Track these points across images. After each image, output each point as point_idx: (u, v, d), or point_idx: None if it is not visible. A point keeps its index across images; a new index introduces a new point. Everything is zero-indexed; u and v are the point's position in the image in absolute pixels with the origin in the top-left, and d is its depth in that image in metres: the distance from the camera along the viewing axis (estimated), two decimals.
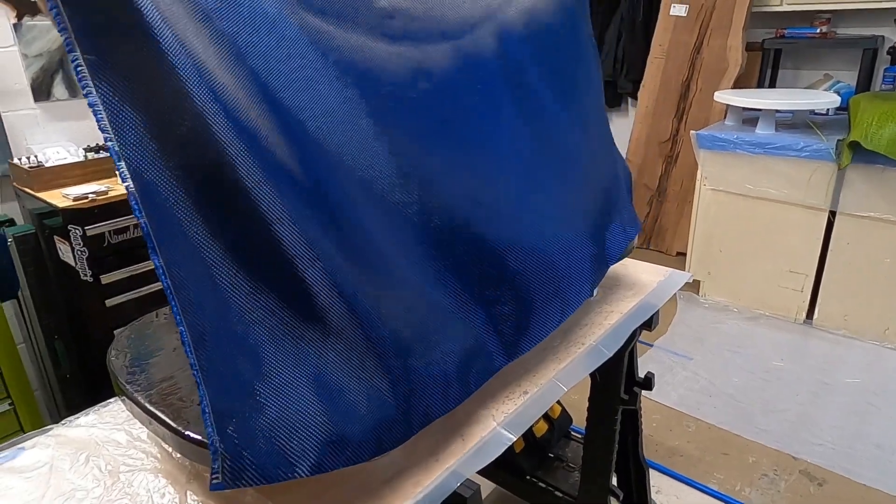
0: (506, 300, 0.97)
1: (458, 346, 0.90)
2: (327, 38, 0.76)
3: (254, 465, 0.66)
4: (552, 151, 1.05)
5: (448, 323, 0.90)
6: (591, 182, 1.16)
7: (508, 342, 0.99)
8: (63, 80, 2.16)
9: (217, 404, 0.64)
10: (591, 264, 1.12)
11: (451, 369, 0.88)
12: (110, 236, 1.90)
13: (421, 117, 0.84)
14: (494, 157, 0.94)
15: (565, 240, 1.04)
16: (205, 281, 0.66)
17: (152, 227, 0.64)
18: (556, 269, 1.03)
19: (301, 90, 0.72)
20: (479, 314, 0.94)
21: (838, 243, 2.76)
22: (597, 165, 1.18)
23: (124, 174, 0.63)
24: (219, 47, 0.66)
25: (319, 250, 0.70)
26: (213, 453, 0.64)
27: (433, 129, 0.85)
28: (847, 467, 2.02)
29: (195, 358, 0.63)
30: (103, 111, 0.59)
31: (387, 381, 0.79)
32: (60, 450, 0.96)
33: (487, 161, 0.93)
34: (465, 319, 0.93)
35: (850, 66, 3.24)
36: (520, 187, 0.98)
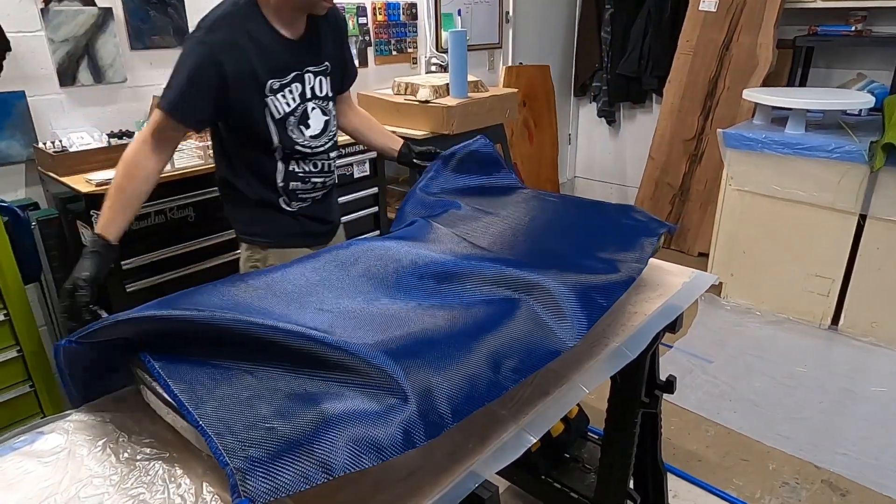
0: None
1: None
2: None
3: (273, 482, 0.70)
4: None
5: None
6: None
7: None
8: (88, 65, 2.17)
9: (226, 442, 0.73)
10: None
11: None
12: (132, 222, 1.90)
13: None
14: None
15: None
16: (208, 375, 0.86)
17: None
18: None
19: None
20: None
21: (868, 248, 2.69)
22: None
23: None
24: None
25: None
26: (232, 486, 0.69)
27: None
28: (872, 478, 1.97)
29: (195, 417, 0.76)
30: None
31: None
32: (79, 435, 0.95)
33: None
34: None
35: (886, 66, 3.15)
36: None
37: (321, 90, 1.54)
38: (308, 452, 0.73)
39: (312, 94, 1.52)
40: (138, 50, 2.32)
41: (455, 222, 1.35)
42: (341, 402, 0.81)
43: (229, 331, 0.88)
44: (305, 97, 1.50)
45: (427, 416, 0.81)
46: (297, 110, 1.48)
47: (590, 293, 1.09)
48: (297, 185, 1.56)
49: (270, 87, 1.42)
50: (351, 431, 0.76)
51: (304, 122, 1.51)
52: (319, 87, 1.53)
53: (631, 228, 1.37)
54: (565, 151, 4.71)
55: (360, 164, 2.56)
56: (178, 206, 2.00)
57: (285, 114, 1.46)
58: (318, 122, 1.54)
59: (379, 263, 1.15)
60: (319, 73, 1.53)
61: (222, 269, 2.17)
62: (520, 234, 1.32)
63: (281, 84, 1.44)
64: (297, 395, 0.83)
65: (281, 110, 1.45)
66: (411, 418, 0.79)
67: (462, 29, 3.08)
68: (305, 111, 1.51)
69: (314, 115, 1.53)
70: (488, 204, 1.44)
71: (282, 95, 1.45)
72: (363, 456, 0.75)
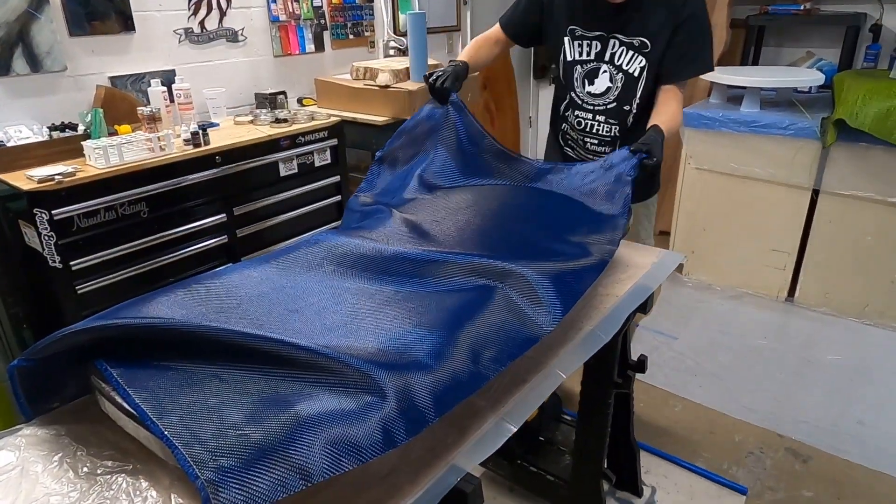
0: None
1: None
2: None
3: (247, 492, 0.66)
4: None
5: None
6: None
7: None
8: (23, 53, 2.03)
9: (194, 452, 0.69)
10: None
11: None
12: (80, 220, 1.80)
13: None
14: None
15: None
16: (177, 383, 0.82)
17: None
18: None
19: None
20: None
21: (821, 222, 2.78)
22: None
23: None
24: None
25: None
26: (203, 500, 0.65)
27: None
28: (832, 444, 2.05)
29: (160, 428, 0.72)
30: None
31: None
32: (32, 451, 0.89)
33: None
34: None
35: (833, 44, 3.23)
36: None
37: (622, 60, 1.61)
38: (283, 458, 0.70)
39: (612, 59, 1.62)
40: (78, 36, 2.18)
41: (421, 210, 1.32)
42: (316, 403, 0.78)
43: (194, 334, 0.84)
44: (602, 58, 1.63)
45: (407, 412, 0.78)
46: (587, 63, 1.66)
47: (564, 278, 1.08)
48: (567, 127, 1.80)
49: (573, 31, 1.64)
50: (328, 433, 0.73)
51: (591, 78, 1.67)
52: (622, 57, 1.61)
53: (600, 210, 1.36)
54: (527, 134, 4.71)
55: (320, 152, 2.49)
56: (129, 202, 1.90)
57: (574, 60, 1.67)
58: (603, 84, 1.66)
59: (347, 261, 1.11)
60: (626, 45, 1.58)
61: (179, 265, 2.08)
62: (490, 222, 1.30)
63: (582, 34, 1.63)
64: (270, 399, 0.79)
65: (572, 55, 1.66)
66: (390, 416, 0.77)
67: (420, 11, 3.01)
68: (597, 69, 1.65)
69: (602, 77, 1.65)
70: (457, 192, 1.41)
71: (578, 44, 1.65)
72: (343, 458, 0.72)
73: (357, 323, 0.94)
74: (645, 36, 1.57)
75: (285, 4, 2.82)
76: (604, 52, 1.63)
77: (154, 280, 2.02)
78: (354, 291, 1.03)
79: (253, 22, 2.73)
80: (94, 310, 1.68)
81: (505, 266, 1.06)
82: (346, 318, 0.96)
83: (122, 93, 2.29)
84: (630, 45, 1.59)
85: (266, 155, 2.28)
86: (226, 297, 0.98)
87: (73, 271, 1.81)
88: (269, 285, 1.04)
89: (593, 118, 1.73)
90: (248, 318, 0.93)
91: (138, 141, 1.93)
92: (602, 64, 1.64)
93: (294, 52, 2.93)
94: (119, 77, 2.32)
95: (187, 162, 2.03)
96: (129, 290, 1.93)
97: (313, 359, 0.82)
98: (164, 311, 0.92)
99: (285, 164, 2.36)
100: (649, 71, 1.60)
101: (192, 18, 2.51)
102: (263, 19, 2.77)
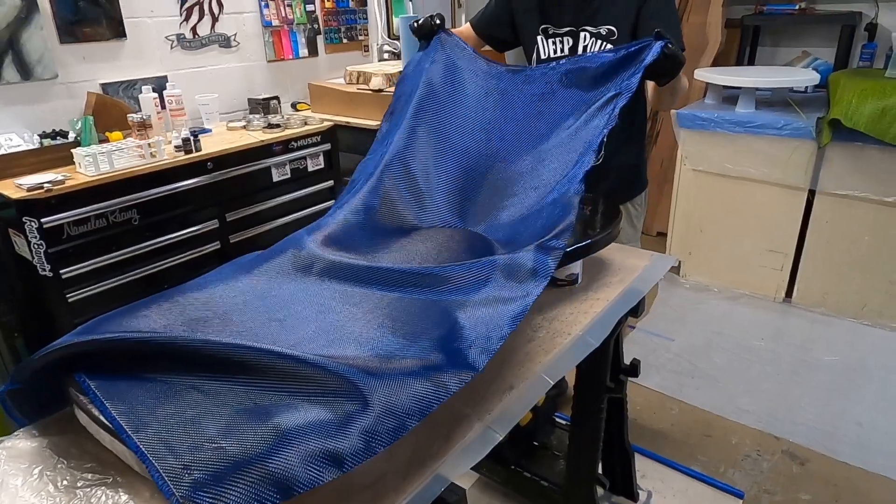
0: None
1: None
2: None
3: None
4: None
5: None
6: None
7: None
8: (13, 61, 2.03)
9: (168, 466, 0.68)
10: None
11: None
12: (69, 228, 1.79)
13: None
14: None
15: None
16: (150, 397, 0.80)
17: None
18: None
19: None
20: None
21: (817, 222, 2.76)
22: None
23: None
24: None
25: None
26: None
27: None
28: (829, 446, 2.03)
29: (135, 442, 0.72)
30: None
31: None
32: (12, 464, 0.88)
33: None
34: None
35: (828, 43, 3.22)
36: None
37: (592, 52, 1.58)
38: (261, 471, 0.68)
39: (584, 52, 1.61)
40: (69, 44, 2.18)
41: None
42: (296, 413, 0.77)
43: (174, 345, 0.83)
44: (575, 53, 1.62)
45: (387, 419, 0.77)
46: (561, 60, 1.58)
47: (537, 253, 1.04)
48: None
49: (545, 30, 1.64)
50: (307, 445, 0.72)
51: None
52: (592, 49, 1.60)
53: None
54: None
55: (313, 157, 2.48)
56: (120, 209, 1.89)
57: (548, 58, 1.65)
58: None
59: (332, 270, 1.09)
60: (595, 35, 1.57)
61: (171, 272, 2.08)
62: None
63: (554, 32, 1.63)
64: (248, 410, 0.78)
65: (545, 53, 1.66)
66: (371, 423, 0.75)
67: (414, 14, 3.01)
68: None
69: None
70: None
71: (552, 42, 1.64)
72: (323, 469, 0.71)
73: (340, 331, 0.93)
74: (611, 23, 1.57)
75: (278, 9, 2.82)
76: (576, 46, 1.63)
77: (146, 287, 2.01)
78: (339, 299, 1.02)
79: (245, 27, 2.72)
80: (86, 318, 1.67)
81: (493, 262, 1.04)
82: (329, 326, 0.95)
83: (114, 100, 2.29)
84: (598, 35, 1.58)
85: (259, 160, 2.27)
86: (209, 306, 0.97)
87: (63, 280, 1.80)
88: (253, 293, 1.02)
89: None
90: (231, 327, 0.92)
91: (129, 148, 1.93)
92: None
93: (287, 56, 2.92)
94: (111, 84, 2.32)
95: (178, 168, 2.02)
96: (120, 297, 1.92)
97: (294, 367, 0.81)
98: (147, 322, 0.91)
99: (278, 170, 2.36)
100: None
101: (184, 24, 2.51)
102: (256, 24, 2.77)
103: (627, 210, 1.81)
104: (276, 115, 2.60)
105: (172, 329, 0.89)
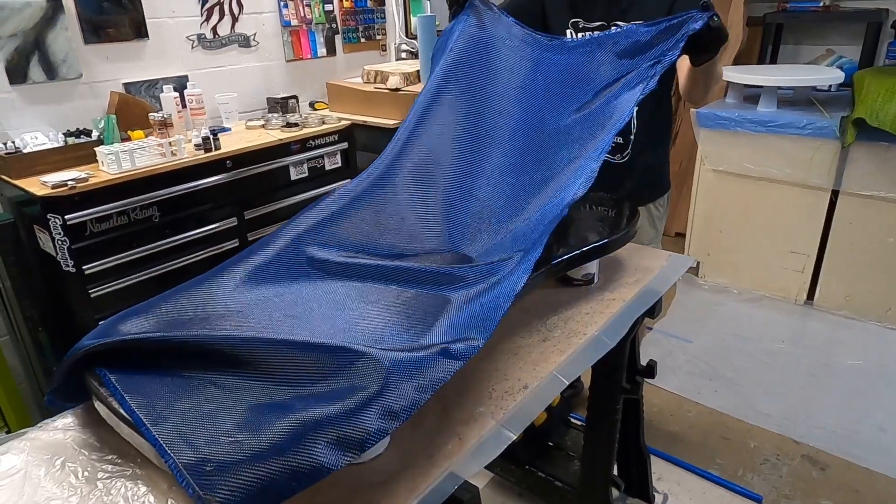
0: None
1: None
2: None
3: (240, 498, 0.66)
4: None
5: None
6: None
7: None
8: (39, 61, 2.07)
9: (186, 459, 0.68)
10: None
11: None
12: (92, 225, 1.83)
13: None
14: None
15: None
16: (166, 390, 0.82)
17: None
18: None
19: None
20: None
21: (840, 223, 2.71)
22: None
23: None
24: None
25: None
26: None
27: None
28: (850, 451, 2.00)
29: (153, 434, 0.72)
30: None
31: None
32: (35, 455, 0.90)
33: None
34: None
35: (854, 41, 3.16)
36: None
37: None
38: (277, 464, 0.69)
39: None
40: (93, 44, 2.22)
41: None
42: (310, 407, 0.77)
43: (193, 342, 0.84)
44: None
45: (400, 400, 0.77)
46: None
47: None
48: None
49: (575, 24, 1.62)
50: (323, 435, 0.73)
51: None
52: None
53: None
54: None
55: (331, 155, 2.50)
56: (141, 207, 1.92)
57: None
58: None
59: (348, 271, 1.10)
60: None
61: (190, 269, 2.10)
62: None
63: (584, 26, 1.61)
64: (264, 404, 0.78)
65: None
66: (386, 401, 0.76)
67: (431, 14, 3.01)
68: None
69: None
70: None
71: (582, 36, 1.60)
72: (340, 457, 0.71)
73: (354, 328, 0.94)
74: (643, 18, 1.54)
75: (297, 9, 2.84)
76: None
77: (166, 283, 2.02)
78: (354, 296, 1.03)
79: (265, 27, 2.75)
80: (107, 313, 1.70)
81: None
82: (344, 323, 0.95)
83: (136, 99, 2.32)
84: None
85: (277, 159, 2.29)
86: (225, 302, 0.98)
87: (85, 275, 1.84)
88: (271, 290, 1.04)
89: None
90: (247, 322, 0.94)
91: (150, 146, 1.96)
92: None
93: (306, 56, 2.94)
94: (133, 83, 2.35)
95: (198, 167, 2.05)
96: (141, 293, 1.95)
97: (309, 358, 0.82)
98: (166, 316, 0.93)
99: (296, 168, 2.38)
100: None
101: (205, 24, 2.54)
102: (275, 24, 2.79)
103: (649, 211, 1.80)
104: (295, 114, 2.62)
105: (190, 325, 0.90)
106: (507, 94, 1.33)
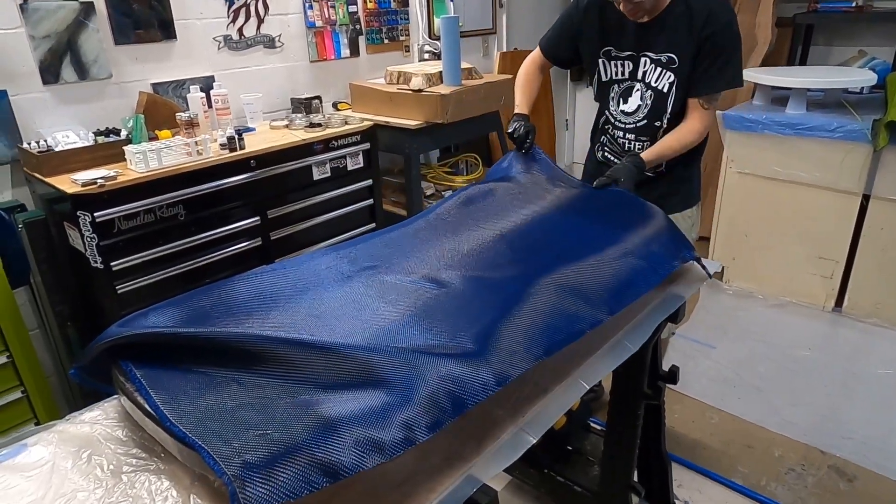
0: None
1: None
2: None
3: (272, 486, 0.67)
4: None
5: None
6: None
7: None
8: (71, 61, 2.12)
9: (220, 450, 0.70)
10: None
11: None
12: (120, 222, 1.86)
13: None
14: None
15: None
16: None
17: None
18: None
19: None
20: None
21: (871, 228, 2.64)
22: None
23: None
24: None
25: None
26: (231, 494, 0.66)
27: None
28: (879, 462, 1.94)
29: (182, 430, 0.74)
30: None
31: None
32: (63, 447, 0.92)
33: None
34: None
35: (887, 42, 3.08)
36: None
37: (651, 77, 1.63)
38: (307, 456, 0.70)
39: (643, 76, 1.65)
40: (123, 45, 2.26)
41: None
42: (338, 402, 0.78)
43: (215, 340, 0.85)
44: (636, 76, 1.66)
45: (429, 410, 0.78)
46: (622, 83, 1.69)
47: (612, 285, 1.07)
48: (606, 140, 1.83)
49: (607, 53, 1.68)
50: (352, 432, 0.74)
51: (626, 96, 1.70)
52: (652, 74, 1.63)
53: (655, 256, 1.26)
54: (563, 137, 4.66)
55: (353, 156, 2.51)
56: (167, 205, 1.96)
57: (610, 79, 1.71)
58: (635, 103, 1.68)
59: (381, 284, 1.11)
60: (656, 62, 1.60)
61: (214, 267, 2.13)
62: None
63: (616, 55, 1.67)
64: (288, 401, 0.79)
65: (607, 76, 1.71)
66: (412, 413, 0.77)
67: (454, 15, 3.01)
68: (630, 88, 1.68)
69: (635, 95, 1.68)
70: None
71: (614, 64, 1.68)
72: (366, 456, 0.72)
73: (376, 328, 0.94)
74: (672, 52, 1.58)
75: (321, 10, 2.86)
76: (636, 70, 1.66)
77: (191, 280, 2.07)
78: (375, 296, 1.04)
79: (290, 28, 2.78)
80: (133, 309, 1.73)
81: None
82: (365, 323, 0.96)
83: (164, 99, 2.36)
84: (659, 62, 1.61)
85: (300, 159, 2.31)
86: (251, 302, 1.00)
87: (113, 272, 1.87)
88: (294, 290, 1.05)
89: (624, 136, 1.76)
90: (271, 321, 0.95)
91: (177, 146, 1.99)
92: (636, 82, 1.67)
93: (329, 57, 2.96)
94: (161, 84, 2.39)
95: (223, 166, 2.07)
96: (167, 290, 1.99)
97: (334, 358, 0.82)
98: (194, 312, 0.95)
99: (318, 168, 2.39)
100: (678, 86, 1.60)
101: (231, 26, 2.57)
102: (300, 25, 2.81)
103: (677, 222, 1.78)
104: (318, 115, 2.64)
105: (216, 322, 0.92)
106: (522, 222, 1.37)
